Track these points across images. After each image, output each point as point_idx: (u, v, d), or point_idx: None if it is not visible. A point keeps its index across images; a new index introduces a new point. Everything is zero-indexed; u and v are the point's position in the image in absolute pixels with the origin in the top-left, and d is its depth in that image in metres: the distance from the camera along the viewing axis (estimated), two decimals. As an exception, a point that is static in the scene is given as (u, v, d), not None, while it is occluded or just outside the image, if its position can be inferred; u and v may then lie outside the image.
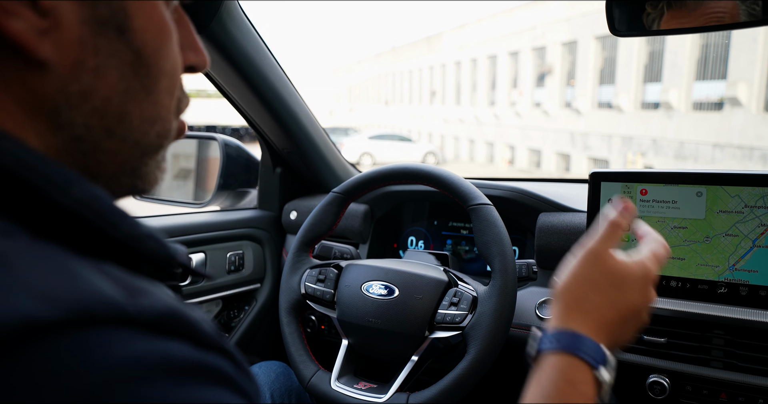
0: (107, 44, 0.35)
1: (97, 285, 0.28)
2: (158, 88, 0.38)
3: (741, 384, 0.90)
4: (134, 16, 0.36)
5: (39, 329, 0.25)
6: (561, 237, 1.11)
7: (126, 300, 0.28)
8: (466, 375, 0.91)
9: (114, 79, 0.35)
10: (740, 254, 0.92)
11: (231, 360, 0.32)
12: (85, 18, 0.33)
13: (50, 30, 0.32)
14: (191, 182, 1.61)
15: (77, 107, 0.34)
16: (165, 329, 0.29)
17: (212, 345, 0.32)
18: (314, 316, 1.43)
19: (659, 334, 0.98)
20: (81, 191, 0.32)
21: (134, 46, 0.36)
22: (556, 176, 13.13)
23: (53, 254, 0.29)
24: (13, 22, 0.30)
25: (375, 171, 1.10)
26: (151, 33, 0.37)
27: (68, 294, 0.27)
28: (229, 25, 1.11)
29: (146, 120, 0.38)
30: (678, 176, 0.96)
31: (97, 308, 0.27)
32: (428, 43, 29.07)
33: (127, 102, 0.37)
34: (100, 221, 0.33)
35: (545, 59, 18.87)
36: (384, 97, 36.86)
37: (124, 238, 0.34)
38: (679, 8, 0.86)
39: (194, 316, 0.32)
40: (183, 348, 0.29)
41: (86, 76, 0.34)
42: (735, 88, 12.01)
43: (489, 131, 22.28)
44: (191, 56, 0.43)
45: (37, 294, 0.26)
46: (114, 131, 0.37)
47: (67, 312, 0.26)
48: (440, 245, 1.44)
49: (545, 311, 1.11)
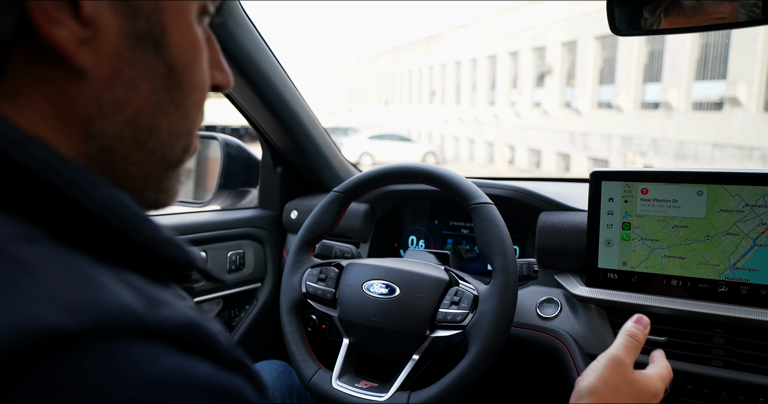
0: (143, 58, 0.35)
1: (117, 295, 0.28)
2: (188, 103, 0.39)
3: (742, 382, 0.90)
4: (171, 33, 0.36)
5: (61, 338, 0.25)
6: (562, 236, 1.11)
7: (146, 311, 0.28)
8: (467, 374, 0.91)
9: (147, 92, 0.36)
10: (741, 253, 0.92)
11: (251, 380, 0.33)
12: (125, 31, 0.34)
13: (90, 40, 0.33)
14: (191, 182, 1.61)
15: (110, 117, 0.35)
16: (186, 344, 0.30)
17: (233, 363, 0.32)
18: (315, 315, 1.43)
19: (660, 333, 0.98)
20: (104, 195, 0.32)
21: (168, 61, 0.37)
22: (556, 175, 13.13)
23: (74, 260, 0.29)
24: (56, 30, 0.31)
25: (376, 170, 1.10)
26: (184, 49, 0.38)
27: (90, 304, 0.27)
28: (230, 24, 1.11)
29: (174, 134, 0.39)
30: (679, 175, 0.96)
31: (118, 318, 0.27)
32: (428, 43, 29.07)
33: (158, 115, 0.37)
34: (123, 225, 0.33)
35: (545, 59, 18.88)
36: (384, 97, 36.86)
37: (146, 242, 0.34)
38: (677, 14, 0.86)
39: (212, 328, 0.32)
40: (206, 368, 0.30)
41: (121, 87, 0.35)
42: (735, 88, 12.02)
43: (489, 130, 22.28)
44: (217, 76, 0.44)
45: (58, 303, 0.26)
46: (144, 144, 0.37)
47: (89, 322, 0.26)
48: (441, 245, 1.44)
49: (545, 310, 1.12)
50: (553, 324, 1.09)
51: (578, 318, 1.07)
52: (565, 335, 1.06)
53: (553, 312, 1.10)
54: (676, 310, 0.95)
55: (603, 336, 1.03)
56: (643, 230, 0.99)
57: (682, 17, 0.85)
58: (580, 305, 1.08)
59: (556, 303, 1.11)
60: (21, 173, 0.30)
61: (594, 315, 1.05)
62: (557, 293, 1.13)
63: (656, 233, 0.98)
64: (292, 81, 1.33)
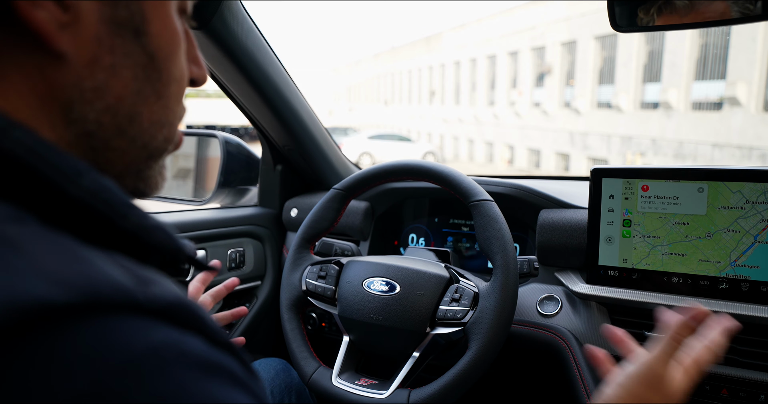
0: (123, 45, 0.36)
1: (107, 271, 0.28)
2: (168, 94, 0.40)
3: (742, 379, 0.90)
4: (151, 22, 0.37)
5: (51, 312, 0.25)
6: (562, 234, 1.11)
7: (136, 288, 0.28)
8: (467, 372, 0.91)
9: (127, 80, 0.37)
10: (742, 249, 0.92)
11: (239, 360, 0.33)
12: (105, 17, 0.35)
13: (70, 24, 0.33)
14: (191, 181, 1.61)
15: (90, 103, 0.35)
16: (178, 319, 0.30)
17: (222, 342, 0.32)
18: (315, 313, 1.43)
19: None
20: (90, 182, 0.33)
21: (149, 49, 0.37)
22: (556, 174, 13.13)
23: (63, 240, 0.29)
24: (37, 12, 0.32)
25: (376, 168, 1.10)
26: (164, 39, 0.38)
27: (79, 279, 0.27)
28: (230, 21, 1.11)
29: (155, 123, 0.40)
30: (679, 172, 0.96)
31: (108, 293, 0.27)
32: (427, 43, 29.07)
33: (138, 103, 0.38)
34: (109, 211, 0.33)
35: (544, 59, 18.88)
36: (383, 97, 36.86)
37: (133, 228, 0.34)
38: (670, 12, 0.86)
39: (201, 310, 0.32)
40: (197, 342, 0.30)
41: (101, 73, 0.35)
42: (734, 87, 12.02)
43: (488, 130, 22.28)
44: (194, 70, 0.45)
45: (48, 278, 0.26)
46: (125, 131, 0.38)
47: (78, 295, 0.26)
48: (441, 242, 1.44)
49: (546, 307, 1.11)
50: (553, 321, 1.09)
51: (579, 315, 1.07)
52: (566, 332, 1.06)
53: (554, 310, 1.10)
54: (677, 307, 0.95)
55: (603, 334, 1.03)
56: (643, 227, 0.99)
57: (675, 16, 0.86)
58: (580, 302, 1.08)
59: (556, 301, 1.11)
60: (6, 159, 0.30)
61: (594, 313, 1.05)
62: (558, 291, 1.13)
63: (657, 230, 0.98)
64: (292, 79, 1.32)
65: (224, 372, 0.30)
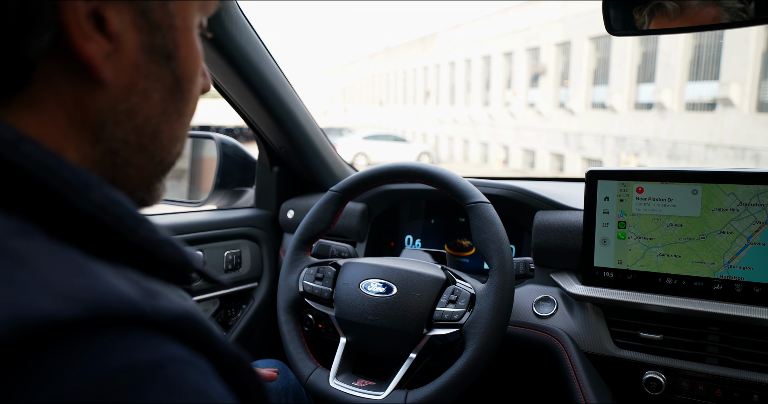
0: (157, 70, 0.38)
1: (114, 285, 0.28)
2: (187, 111, 0.42)
3: (736, 379, 0.91)
4: (180, 47, 0.39)
5: (57, 327, 0.25)
6: (558, 235, 1.12)
7: (143, 300, 0.29)
8: (464, 373, 0.91)
9: (156, 101, 0.39)
10: (735, 251, 0.93)
11: (246, 371, 0.33)
12: (143, 45, 0.36)
13: (113, 53, 0.35)
14: (185, 182, 1.61)
15: (122, 124, 0.37)
16: (184, 335, 0.30)
17: (230, 357, 0.33)
18: (311, 315, 1.43)
19: (655, 331, 0.98)
20: (100, 195, 0.33)
21: (176, 73, 0.39)
22: (551, 176, 13.17)
23: (70, 254, 0.29)
24: (88, 45, 0.33)
25: (372, 170, 1.11)
26: (190, 62, 0.41)
27: (86, 293, 0.27)
28: (227, 23, 1.11)
29: (173, 139, 0.42)
30: (674, 174, 0.97)
31: (115, 307, 0.27)
32: (422, 43, 29.08)
33: (162, 122, 0.40)
34: (118, 225, 0.33)
35: (539, 60, 18.93)
36: (378, 97, 36.86)
37: (141, 242, 0.34)
38: (661, 16, 0.88)
39: (207, 322, 0.32)
40: (201, 361, 0.30)
41: (135, 97, 0.37)
42: (727, 88, 12.09)
43: (483, 131, 22.32)
44: (202, 81, 0.47)
45: (55, 293, 0.26)
46: (146, 148, 0.40)
47: (85, 310, 0.26)
48: (437, 244, 1.44)
49: (542, 308, 1.12)
50: (549, 322, 1.10)
51: (574, 316, 1.08)
52: (562, 333, 1.07)
53: (550, 311, 1.11)
54: (672, 308, 0.96)
55: (599, 334, 1.04)
56: (638, 228, 1.00)
57: (666, 19, 0.87)
58: (576, 303, 1.09)
59: (552, 302, 1.12)
60: (16, 173, 0.30)
61: (590, 314, 1.06)
62: (553, 292, 1.13)
63: (651, 231, 0.99)
64: (288, 81, 1.33)
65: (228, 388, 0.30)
